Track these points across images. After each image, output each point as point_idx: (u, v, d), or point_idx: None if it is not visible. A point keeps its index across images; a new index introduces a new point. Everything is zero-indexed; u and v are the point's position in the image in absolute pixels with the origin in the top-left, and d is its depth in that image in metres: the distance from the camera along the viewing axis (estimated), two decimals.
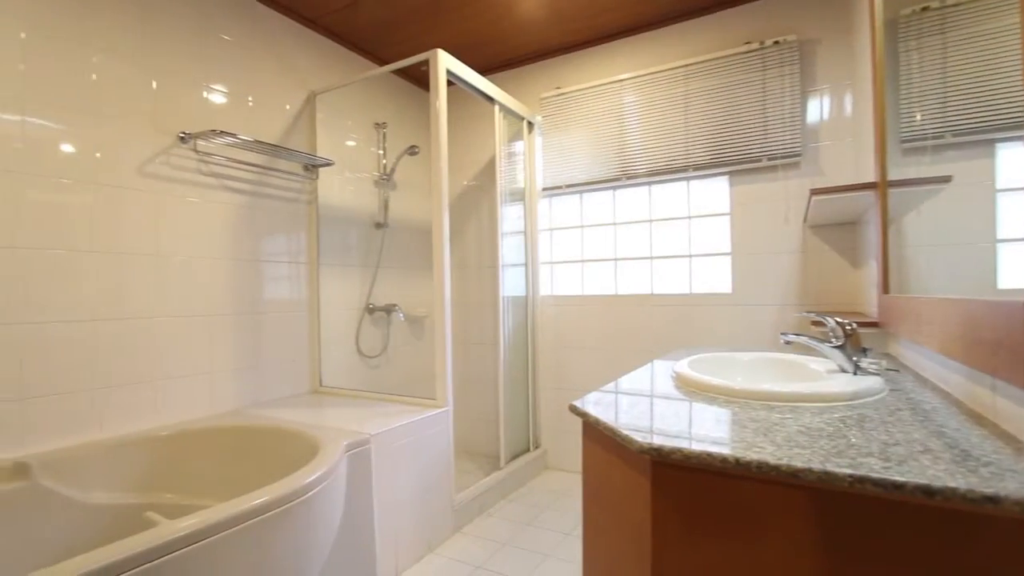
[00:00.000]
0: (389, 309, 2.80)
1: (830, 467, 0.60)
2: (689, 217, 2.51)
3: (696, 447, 0.69)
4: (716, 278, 2.45)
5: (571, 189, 2.76)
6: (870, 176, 1.73)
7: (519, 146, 2.79)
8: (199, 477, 1.78)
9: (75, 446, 1.61)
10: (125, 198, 1.78)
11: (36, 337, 1.57)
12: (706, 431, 0.77)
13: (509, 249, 2.66)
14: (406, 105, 3.04)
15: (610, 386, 1.19)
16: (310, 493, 1.36)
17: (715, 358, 1.43)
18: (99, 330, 1.71)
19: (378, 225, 2.82)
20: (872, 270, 1.77)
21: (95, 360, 1.70)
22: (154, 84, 1.86)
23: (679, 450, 0.70)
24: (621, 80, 2.59)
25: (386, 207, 2.82)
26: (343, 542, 1.58)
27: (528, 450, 2.75)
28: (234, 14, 2.13)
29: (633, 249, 2.65)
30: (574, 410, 0.97)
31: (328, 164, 2.40)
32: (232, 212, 2.11)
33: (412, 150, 2.77)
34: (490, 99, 2.51)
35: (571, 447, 2.79)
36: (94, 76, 1.70)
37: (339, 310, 2.58)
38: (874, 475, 0.57)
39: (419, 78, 3.05)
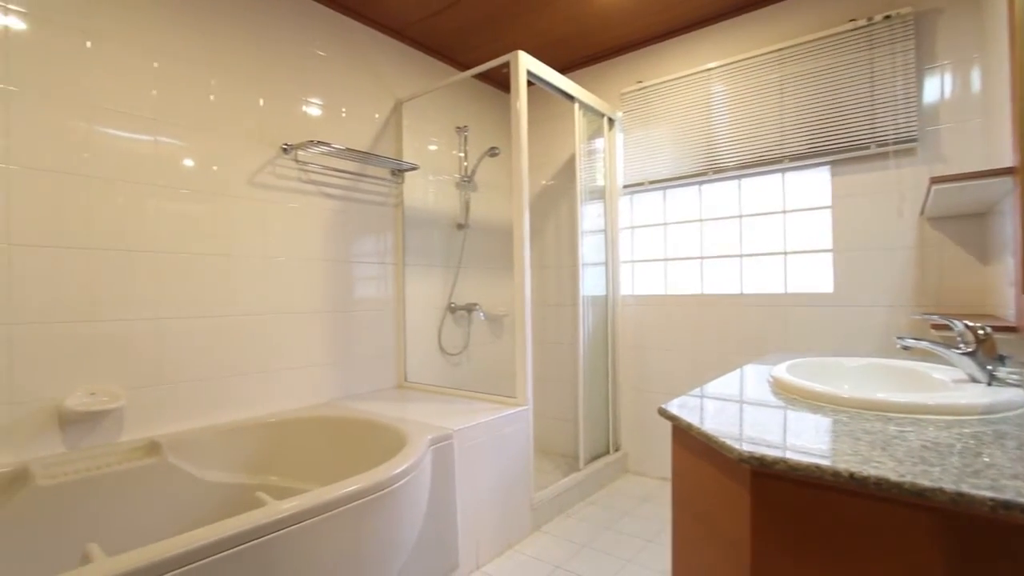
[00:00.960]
0: (470, 308, 2.86)
1: (965, 488, 0.53)
2: (784, 212, 2.34)
3: (803, 458, 0.64)
4: (814, 277, 2.27)
5: (654, 186, 2.68)
6: (1005, 160, 1.52)
7: (599, 143, 2.75)
8: (299, 462, 1.92)
9: (196, 428, 1.80)
10: (236, 206, 1.96)
11: (161, 331, 1.77)
12: (811, 442, 0.71)
13: (589, 248, 2.63)
14: (486, 107, 3.10)
15: (699, 390, 1.14)
16: (398, 484, 1.42)
17: (817, 363, 1.32)
18: (214, 325, 1.89)
19: (459, 226, 2.89)
20: (1008, 267, 1.56)
21: (211, 352, 1.89)
22: (261, 101, 2.03)
23: (783, 460, 0.65)
24: (708, 69, 2.47)
25: (467, 208, 2.89)
26: (427, 533, 1.64)
27: (607, 452, 2.71)
28: (329, 31, 2.27)
29: (721, 247, 2.52)
30: (664, 413, 0.94)
31: (413, 168, 2.50)
32: (327, 216, 2.26)
33: (492, 151, 2.82)
34: (570, 97, 2.49)
35: (654, 451, 2.71)
36: (212, 97, 1.89)
37: (422, 309, 2.68)
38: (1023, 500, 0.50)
39: (499, 80, 3.10)
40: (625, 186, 2.79)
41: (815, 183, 2.26)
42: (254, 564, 1.08)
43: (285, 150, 2.09)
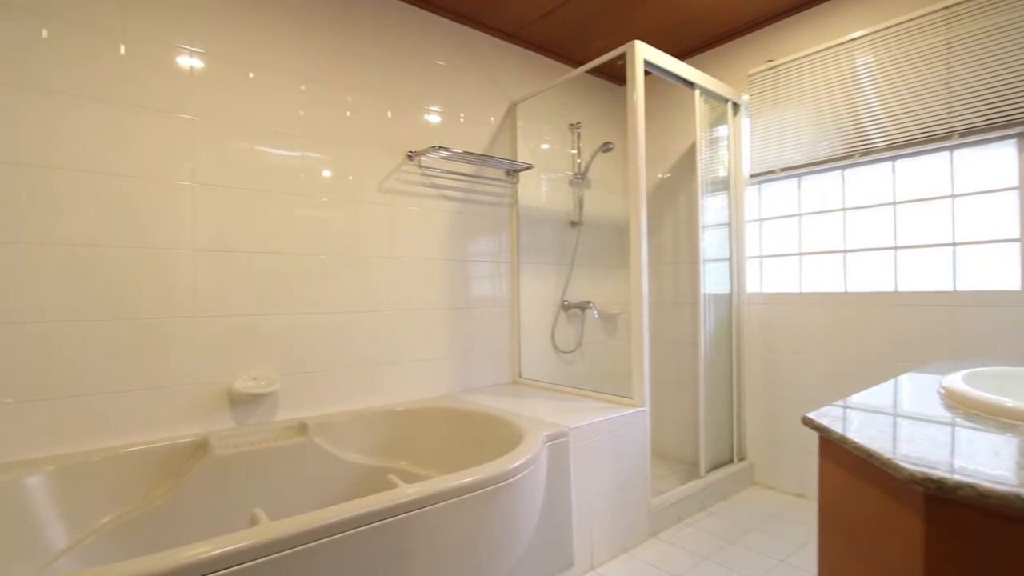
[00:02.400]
0: (583, 306, 2.84)
1: None
2: (952, 196, 2.01)
3: (999, 487, 0.54)
4: (993, 271, 1.92)
5: (786, 173, 2.45)
6: None
7: (722, 131, 2.57)
8: (424, 449, 2.04)
9: (335, 412, 1.99)
10: (367, 211, 2.13)
11: (306, 325, 1.98)
12: (1002, 466, 0.60)
13: (710, 243, 2.47)
14: (599, 102, 3.05)
15: (847, 399, 1.01)
16: (516, 477, 1.45)
17: (1001, 373, 1.11)
18: (348, 321, 2.08)
19: (573, 223, 2.88)
20: None
21: (347, 345, 2.08)
22: (389, 113, 2.19)
23: (972, 486, 0.55)
24: (852, 40, 2.20)
25: (580, 205, 2.87)
26: (543, 528, 1.65)
27: (731, 461, 2.53)
28: (449, 40, 2.38)
29: (869, 238, 2.23)
30: (810, 423, 0.85)
31: (528, 168, 2.54)
32: (447, 217, 2.37)
33: (606, 147, 2.77)
34: (689, 84, 2.36)
35: (786, 464, 2.48)
36: (348, 113, 2.08)
37: (536, 306, 2.72)
38: None
39: (612, 73, 3.03)
40: (752, 175, 2.58)
41: (994, 161, 1.91)
42: (387, 540, 1.17)
43: (410, 156, 2.23)
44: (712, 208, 2.50)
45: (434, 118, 2.34)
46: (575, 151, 2.90)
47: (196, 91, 1.75)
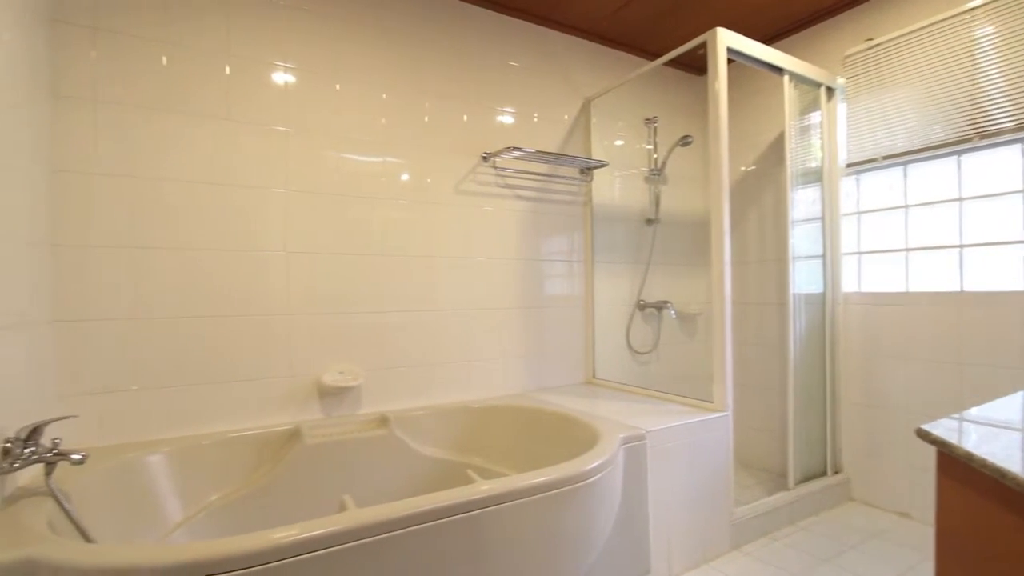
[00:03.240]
0: (660, 306, 2.75)
1: None
2: None
3: None
4: None
5: (889, 161, 2.23)
6: None
7: (814, 118, 2.39)
8: (498, 446, 2.07)
9: (414, 407, 2.06)
10: (442, 212, 2.19)
11: (387, 322, 2.07)
12: None
13: (800, 239, 2.31)
14: (677, 95, 2.94)
15: (971, 412, 0.90)
16: (593, 478, 1.43)
17: None
18: (425, 319, 2.15)
19: (649, 221, 2.80)
20: None
21: (424, 342, 2.15)
22: (465, 117, 2.24)
23: None
24: (970, 10, 1.96)
25: (657, 202, 2.78)
26: (619, 533, 1.62)
27: (824, 474, 2.35)
28: (522, 41, 2.40)
29: (992, 231, 1.98)
30: (926, 436, 0.77)
31: (602, 165, 2.50)
32: (519, 217, 2.39)
33: (685, 140, 2.66)
34: (777, 70, 2.22)
35: (888, 479, 2.26)
36: (426, 118, 2.15)
37: (611, 306, 2.67)
38: None
39: (691, 64, 2.91)
40: (849, 165, 2.38)
41: None
42: (466, 534, 1.20)
43: (484, 158, 2.27)
44: (802, 201, 2.34)
45: (508, 119, 2.36)
46: (651, 146, 2.82)
47: (289, 105, 1.88)
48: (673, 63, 2.89)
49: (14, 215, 1.31)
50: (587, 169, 2.56)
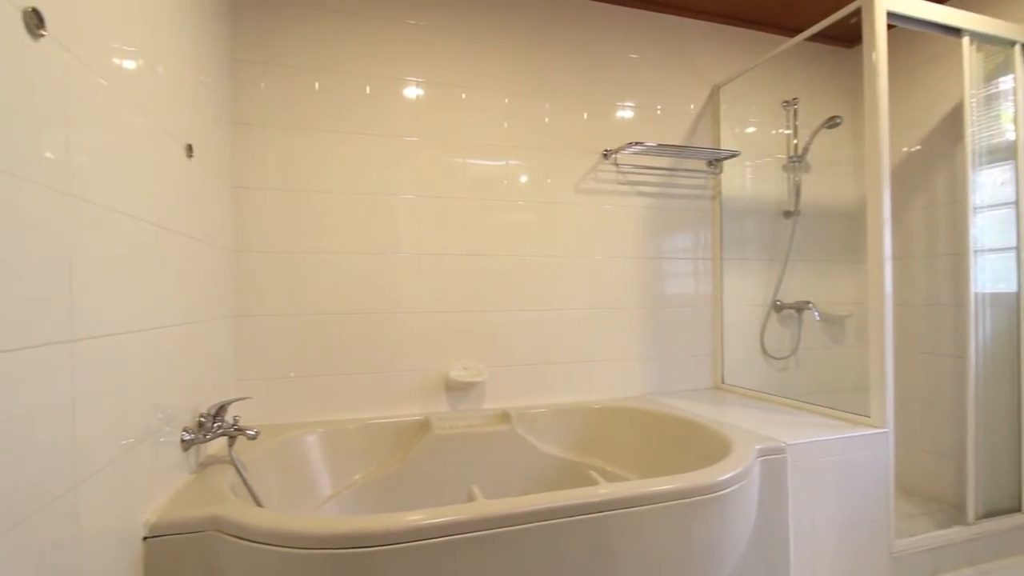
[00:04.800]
0: (800, 307, 2.50)
1: None
2: None
3: None
4: None
5: None
6: None
7: (1004, 83, 2.00)
8: (618, 449, 2.02)
9: (534, 405, 2.10)
10: (562, 212, 2.19)
11: (509, 321, 2.12)
12: None
13: (985, 229, 1.95)
14: (821, 73, 2.64)
15: None
16: (725, 491, 1.34)
17: None
18: (544, 318, 2.17)
19: (787, 213, 2.55)
20: None
21: (544, 341, 2.17)
22: (585, 115, 2.22)
23: None
24: None
25: (797, 192, 2.53)
26: (754, 553, 1.50)
27: (1018, 510, 1.96)
28: (642, 32, 2.32)
29: None
30: None
31: (733, 155, 2.33)
32: (641, 214, 2.31)
33: (832, 122, 2.38)
34: (954, 31, 1.89)
35: None
36: (546, 119, 2.17)
37: (741, 306, 2.48)
38: None
39: (839, 36, 2.60)
40: None
41: None
42: (589, 535, 1.18)
43: (605, 155, 2.23)
44: (987, 185, 1.97)
45: (628, 113, 2.30)
46: (790, 131, 2.56)
47: (419, 115, 2.01)
48: (817, 37, 2.60)
49: (218, 225, 1.61)
50: (715, 160, 2.40)
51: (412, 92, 2.00)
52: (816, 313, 2.48)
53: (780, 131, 2.56)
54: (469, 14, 2.07)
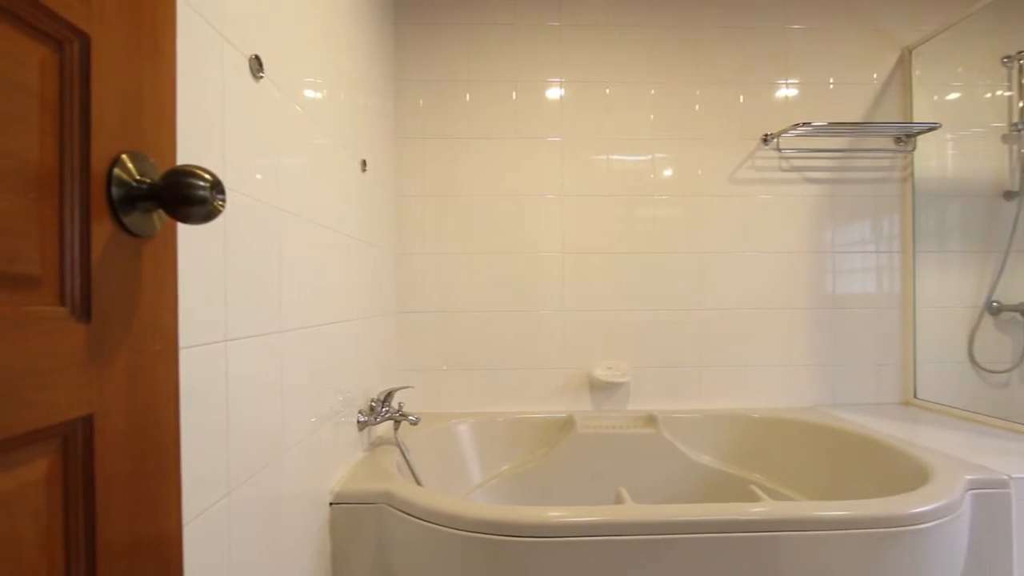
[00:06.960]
0: None
1: None
2: None
3: None
4: None
5: None
6: None
7: None
8: (782, 465, 1.83)
9: (682, 409, 1.99)
10: (715, 205, 2.05)
11: (655, 321, 2.04)
12: None
13: None
14: None
15: None
16: (922, 525, 1.13)
17: None
18: (693, 317, 2.05)
19: (1009, 194, 2.08)
20: None
21: (692, 342, 2.05)
22: (741, 98, 2.05)
23: None
24: None
25: (1022, 168, 2.05)
26: None
27: None
28: None
29: None
30: None
31: (933, 128, 1.96)
32: (808, 203, 2.06)
33: None
34: None
35: None
36: (697, 107, 2.04)
37: (941, 307, 2.08)
38: None
39: None
40: None
41: None
42: (751, 555, 1.08)
43: (765, 140, 2.03)
44: None
45: (792, 92, 2.06)
46: (1011, 92, 2.08)
47: (562, 116, 2.03)
48: None
49: (386, 231, 1.83)
50: (907, 136, 2.04)
51: (555, 93, 2.03)
52: None
53: (999, 93, 2.09)
54: (609, 6, 2.03)
